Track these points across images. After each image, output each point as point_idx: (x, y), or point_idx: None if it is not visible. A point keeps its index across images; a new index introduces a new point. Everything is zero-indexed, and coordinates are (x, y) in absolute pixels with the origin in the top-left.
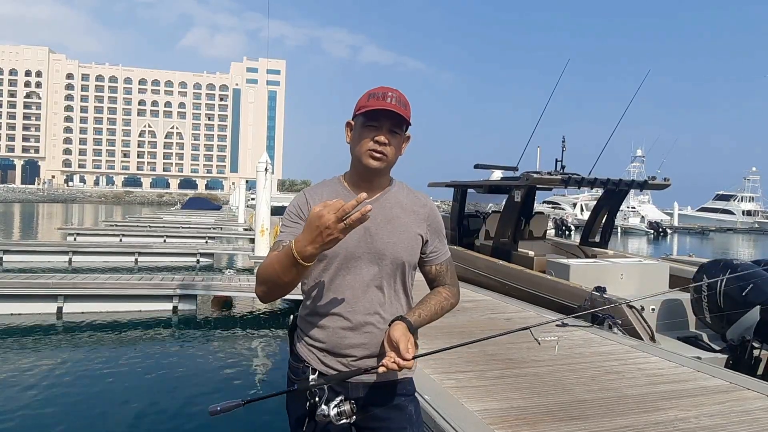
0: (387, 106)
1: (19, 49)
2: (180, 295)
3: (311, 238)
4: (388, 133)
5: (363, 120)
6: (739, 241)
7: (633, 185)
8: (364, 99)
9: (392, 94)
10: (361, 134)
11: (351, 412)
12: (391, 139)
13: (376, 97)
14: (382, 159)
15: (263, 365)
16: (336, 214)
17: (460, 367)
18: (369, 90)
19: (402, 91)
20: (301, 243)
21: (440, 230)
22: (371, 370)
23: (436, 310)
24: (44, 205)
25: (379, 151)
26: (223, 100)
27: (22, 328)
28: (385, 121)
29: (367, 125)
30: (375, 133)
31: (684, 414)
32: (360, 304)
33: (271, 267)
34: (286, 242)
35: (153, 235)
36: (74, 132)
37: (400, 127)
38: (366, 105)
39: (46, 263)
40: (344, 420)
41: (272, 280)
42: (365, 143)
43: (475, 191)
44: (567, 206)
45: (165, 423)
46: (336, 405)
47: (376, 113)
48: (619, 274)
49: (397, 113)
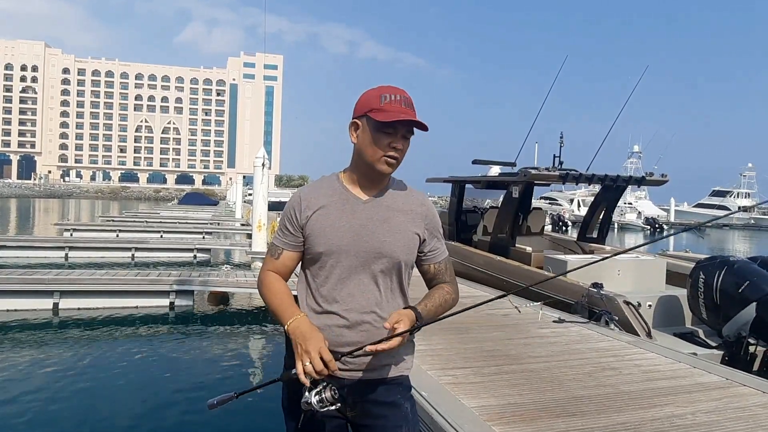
0: (407, 115)
1: (15, 43)
2: (177, 291)
3: (294, 344)
4: (403, 138)
5: (377, 125)
6: (735, 237)
7: (631, 181)
8: (375, 100)
9: (404, 97)
10: (376, 139)
11: (333, 399)
12: (405, 144)
13: (389, 101)
14: (395, 165)
15: (260, 361)
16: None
17: (458, 364)
18: (375, 89)
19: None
20: (291, 332)
21: (438, 229)
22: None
23: (441, 302)
24: (40, 200)
25: (394, 157)
26: (220, 96)
27: (18, 324)
28: (401, 128)
29: (383, 131)
30: (390, 140)
31: (680, 410)
32: (356, 302)
33: (271, 303)
34: (281, 249)
35: (150, 231)
36: (70, 127)
37: (412, 132)
38: (382, 109)
39: (42, 259)
40: (328, 407)
41: (267, 305)
42: (381, 149)
43: (473, 187)
44: (564, 202)
45: (162, 419)
46: (317, 392)
47: (395, 121)
48: (616, 270)
49: (415, 121)
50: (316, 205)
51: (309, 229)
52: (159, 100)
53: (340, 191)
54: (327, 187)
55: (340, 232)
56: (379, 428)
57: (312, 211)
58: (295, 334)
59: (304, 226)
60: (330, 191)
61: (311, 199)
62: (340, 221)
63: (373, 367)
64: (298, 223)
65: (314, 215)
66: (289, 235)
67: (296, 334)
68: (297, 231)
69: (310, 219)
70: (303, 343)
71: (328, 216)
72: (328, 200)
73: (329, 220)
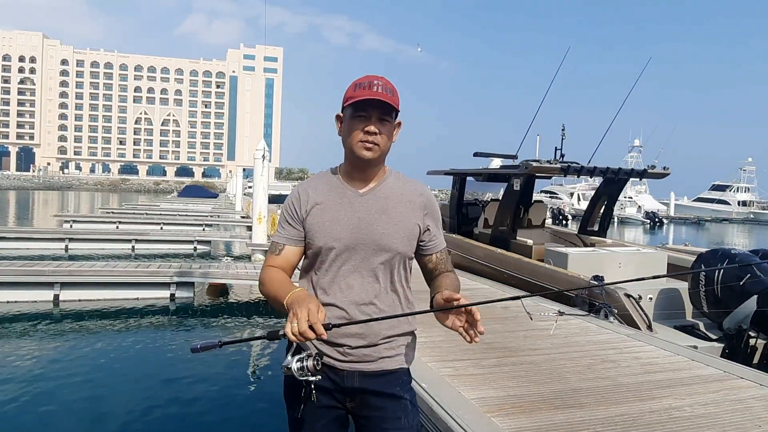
0: (373, 95)
1: (12, 34)
2: (177, 283)
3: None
4: (378, 122)
5: (351, 111)
6: (734, 231)
7: (632, 174)
8: (351, 90)
9: (378, 82)
10: (351, 126)
11: (314, 370)
12: (382, 128)
13: (362, 87)
14: (374, 149)
15: (261, 352)
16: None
17: (458, 356)
18: (355, 80)
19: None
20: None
21: (438, 218)
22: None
23: (456, 287)
24: (40, 192)
25: (370, 141)
26: (219, 88)
27: (18, 315)
28: (373, 111)
29: (356, 116)
30: (364, 124)
31: (678, 402)
32: (356, 294)
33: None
34: (282, 245)
35: (150, 223)
36: (69, 119)
37: (389, 115)
38: (353, 96)
39: (42, 250)
40: (307, 376)
41: (267, 297)
42: (356, 135)
43: (474, 179)
44: (564, 196)
45: (163, 410)
46: (300, 359)
47: (363, 104)
48: (617, 263)
49: (385, 101)
50: (315, 200)
51: (309, 224)
52: (158, 92)
53: (338, 185)
54: (325, 181)
55: (339, 226)
56: (378, 419)
57: (311, 206)
58: (290, 303)
59: (304, 219)
60: (328, 186)
61: (310, 194)
62: (338, 215)
63: (372, 359)
64: (299, 216)
65: (314, 209)
66: (291, 229)
67: (291, 301)
68: (298, 225)
69: (309, 213)
70: (295, 305)
71: (327, 210)
72: (327, 194)
73: (328, 214)
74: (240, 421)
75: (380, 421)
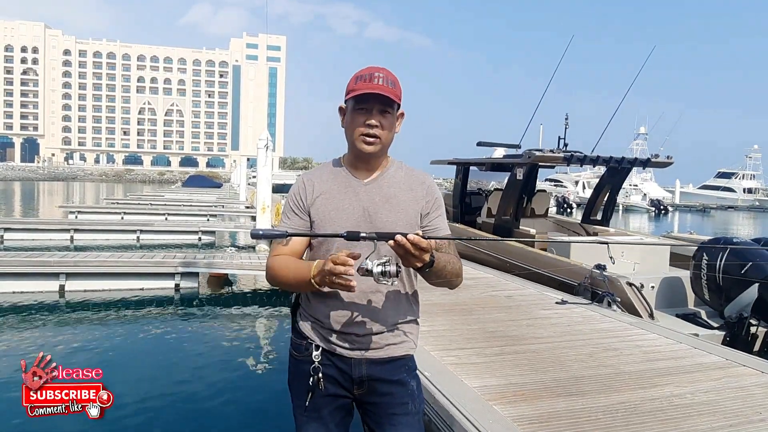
0: (374, 88)
1: (14, 24)
2: (182, 273)
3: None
4: (379, 114)
5: (353, 104)
6: (740, 218)
7: (636, 163)
8: (352, 82)
9: (379, 74)
10: (353, 119)
11: (396, 275)
12: (383, 121)
13: (363, 80)
14: (375, 143)
15: (266, 341)
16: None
17: (460, 344)
18: (356, 72)
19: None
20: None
21: (439, 206)
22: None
23: (449, 259)
24: (44, 183)
25: (371, 134)
26: (222, 77)
27: (24, 306)
28: (374, 103)
29: (357, 109)
30: (365, 117)
31: (679, 390)
32: (360, 283)
33: (286, 276)
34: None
35: (154, 213)
36: (73, 109)
37: (391, 107)
38: (354, 88)
39: (47, 241)
40: (385, 280)
41: (284, 283)
42: (357, 128)
43: (477, 169)
44: (569, 184)
45: (167, 398)
46: (381, 264)
47: (363, 97)
48: (620, 252)
49: (385, 94)
50: (320, 189)
51: (314, 213)
52: (162, 81)
53: (343, 175)
54: (329, 171)
55: (344, 215)
56: (385, 405)
57: (317, 195)
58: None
59: (310, 209)
60: (332, 175)
61: (315, 183)
62: (343, 204)
63: (379, 346)
64: (305, 206)
65: (319, 199)
66: (296, 219)
67: (318, 269)
68: (304, 214)
69: (315, 202)
70: (323, 266)
71: (331, 199)
72: (331, 184)
73: (333, 204)
74: (245, 407)
75: (388, 407)
